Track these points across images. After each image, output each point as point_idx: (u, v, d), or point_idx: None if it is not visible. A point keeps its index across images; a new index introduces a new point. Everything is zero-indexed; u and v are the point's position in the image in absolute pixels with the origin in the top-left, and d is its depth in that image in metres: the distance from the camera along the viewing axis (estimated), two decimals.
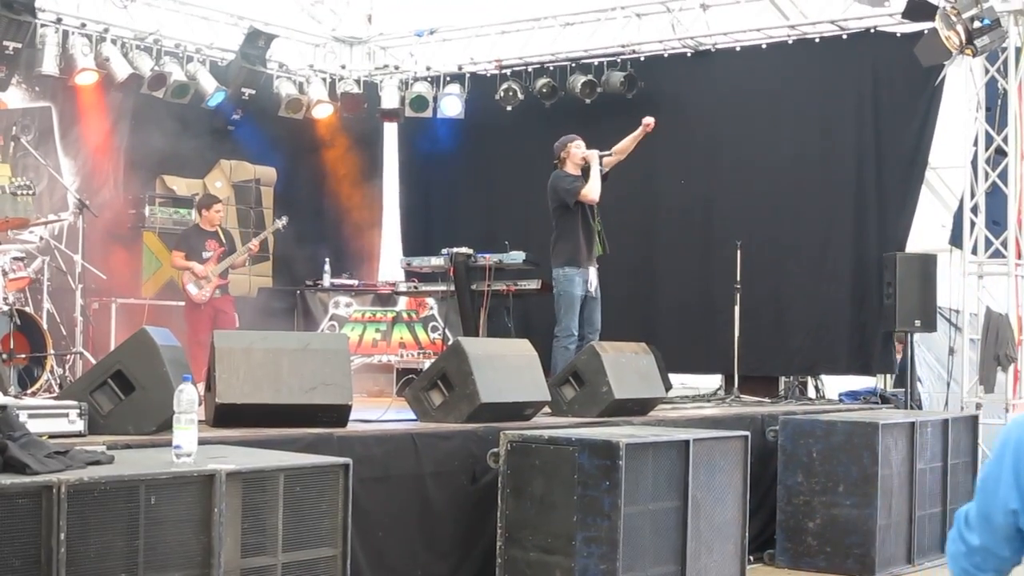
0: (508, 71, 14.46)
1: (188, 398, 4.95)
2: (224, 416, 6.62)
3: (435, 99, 14.81)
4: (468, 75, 14.84)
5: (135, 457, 5.14)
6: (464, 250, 11.82)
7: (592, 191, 10.67)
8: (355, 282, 14.18)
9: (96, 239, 12.17)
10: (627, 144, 11.04)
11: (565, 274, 10.62)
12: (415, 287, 12.86)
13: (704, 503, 7.12)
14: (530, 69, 14.33)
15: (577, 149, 10.82)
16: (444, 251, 11.97)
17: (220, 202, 12.88)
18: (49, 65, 12.50)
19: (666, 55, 13.77)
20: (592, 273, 10.72)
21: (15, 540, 4.20)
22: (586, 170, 10.77)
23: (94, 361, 9.64)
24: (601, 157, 10.78)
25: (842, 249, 12.66)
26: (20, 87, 12.70)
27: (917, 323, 11.82)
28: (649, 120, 10.96)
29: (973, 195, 11.36)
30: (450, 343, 9.26)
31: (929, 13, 10.63)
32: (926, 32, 11.06)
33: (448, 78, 14.88)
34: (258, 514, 4.92)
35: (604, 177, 10.93)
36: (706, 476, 7.15)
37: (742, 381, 12.16)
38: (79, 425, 5.87)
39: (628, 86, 13.64)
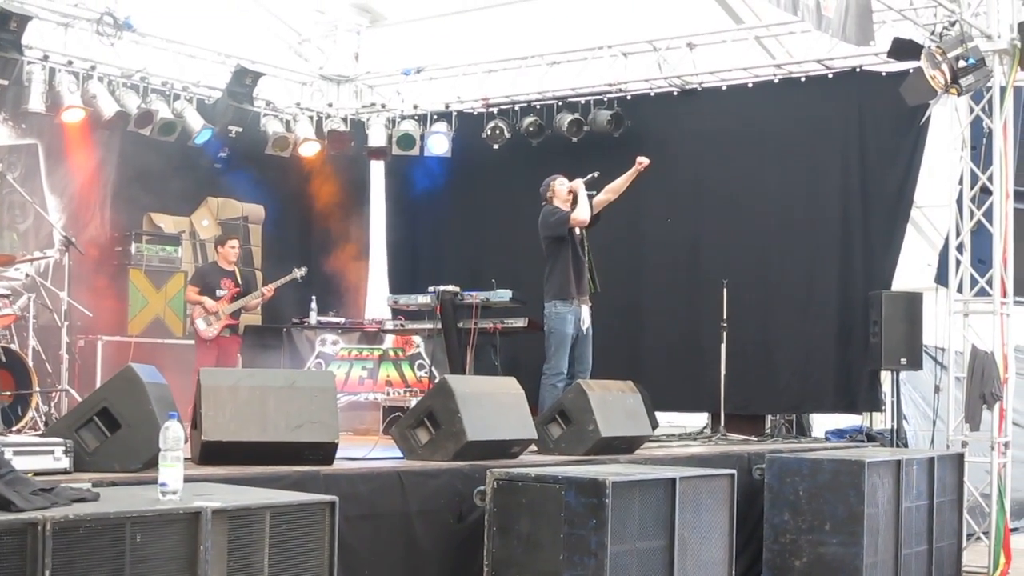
0: (495, 109, 14.50)
1: (174, 435, 4.94)
2: (210, 454, 6.61)
3: (422, 137, 14.84)
4: (455, 113, 14.88)
5: (121, 495, 5.12)
6: (451, 288, 11.84)
7: (581, 212, 10.71)
8: (342, 320, 14.18)
9: (82, 276, 12.15)
10: (620, 184, 11.08)
11: (557, 311, 10.61)
12: (402, 325, 12.86)
13: (691, 541, 7.10)
14: (517, 107, 14.38)
15: (561, 185, 10.88)
16: (431, 289, 11.99)
17: (235, 238, 12.99)
18: (35, 102, 12.50)
19: (652, 94, 13.83)
20: (585, 311, 10.72)
21: None
22: (576, 200, 10.82)
23: (80, 398, 9.62)
24: (586, 183, 10.83)
25: (828, 288, 12.70)
26: (6, 124, 12.71)
27: (903, 361, 11.84)
28: (643, 159, 11.01)
29: (959, 233, 11.40)
30: (436, 381, 9.26)
31: (914, 52, 10.69)
32: (911, 71, 11.13)
33: (435, 116, 14.92)
34: (244, 552, 4.90)
35: (596, 217, 10.96)
36: (693, 514, 7.14)
37: (729, 419, 12.17)
38: (64, 462, 5.85)
39: (615, 125, 13.69)
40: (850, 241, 12.62)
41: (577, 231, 10.81)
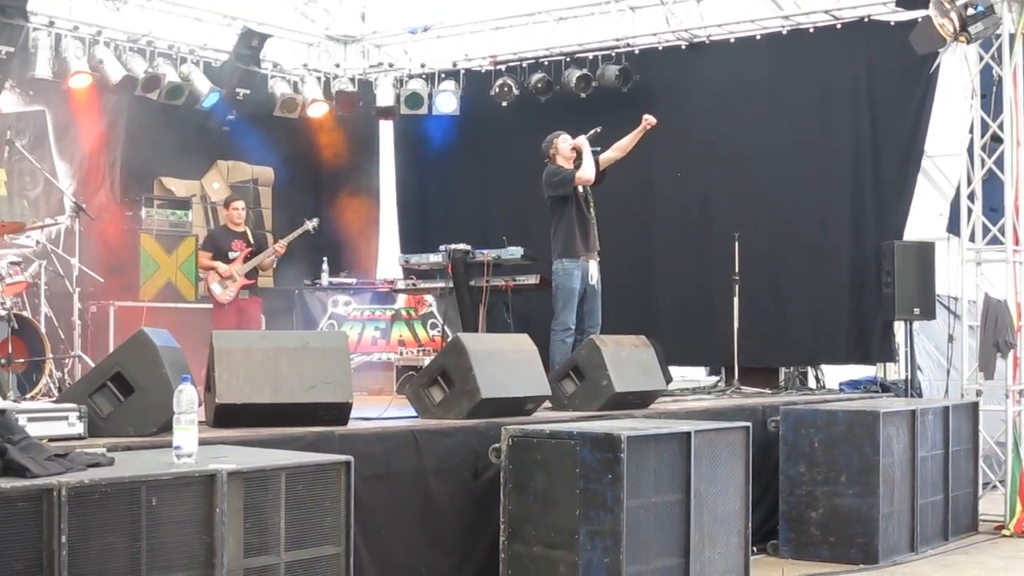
0: (503, 67, 14.44)
1: (188, 399, 4.93)
2: (224, 416, 6.61)
3: (430, 96, 14.80)
4: (463, 71, 14.82)
5: (135, 459, 5.12)
6: (462, 246, 11.84)
7: (586, 171, 10.67)
8: (353, 280, 14.20)
9: (93, 242, 12.13)
10: (627, 142, 11.03)
11: (564, 267, 10.59)
12: (413, 284, 12.84)
13: (707, 495, 7.10)
14: (525, 64, 14.32)
15: (564, 143, 10.81)
16: (442, 248, 11.98)
17: (239, 199, 12.98)
18: (42, 69, 12.47)
19: (661, 48, 13.76)
20: (593, 266, 10.69)
21: (16, 544, 4.18)
22: (580, 158, 10.77)
23: (93, 364, 9.62)
24: (589, 138, 10.78)
25: (840, 239, 12.66)
26: (14, 91, 12.68)
27: (916, 311, 11.81)
28: (650, 118, 10.94)
29: (970, 182, 11.32)
30: (449, 339, 9.25)
31: (923, 1, 10.61)
32: (920, 20, 11.03)
33: (443, 75, 14.86)
34: (260, 513, 4.90)
35: (602, 175, 10.92)
36: (708, 468, 7.13)
37: (742, 372, 12.16)
38: (79, 428, 5.85)
39: (623, 80, 13.62)
40: (861, 192, 12.58)
41: (581, 188, 10.77)
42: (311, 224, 12.92)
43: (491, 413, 7.56)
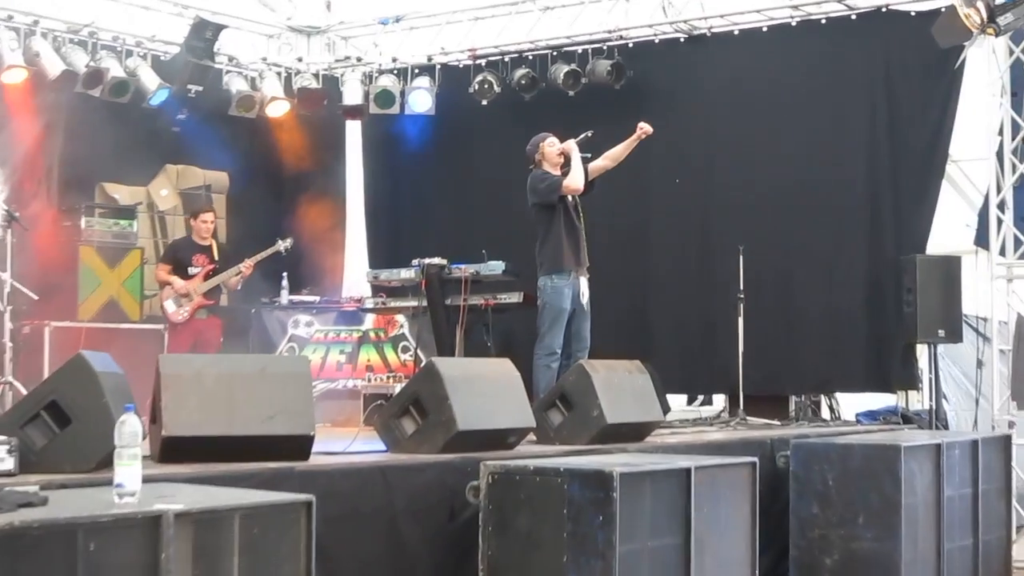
0: (483, 61, 14.46)
1: (131, 431, 4.89)
2: (171, 450, 6.56)
3: (403, 94, 14.79)
4: (439, 67, 14.83)
5: (72, 498, 5.08)
6: (437, 261, 11.81)
7: (575, 180, 10.68)
8: (316, 298, 14.17)
9: (27, 255, 12.08)
10: (620, 152, 11.06)
11: (552, 284, 10.58)
12: (383, 303, 12.81)
13: (708, 538, 7.08)
14: (507, 59, 14.34)
15: (551, 147, 10.83)
16: (415, 262, 11.96)
17: (209, 211, 13.03)
18: None
19: (657, 41, 13.79)
20: (583, 283, 10.69)
21: None
22: (569, 162, 10.78)
23: (25, 391, 9.58)
24: (579, 143, 10.78)
25: (855, 252, 12.67)
26: None
27: (940, 333, 11.82)
28: (646, 126, 10.96)
29: (999, 190, 11.37)
30: (423, 364, 9.22)
31: None
32: (943, 10, 11.08)
33: (417, 70, 14.86)
34: (211, 559, 4.86)
35: (590, 185, 10.92)
36: (710, 508, 7.11)
37: (748, 401, 12.15)
38: (9, 463, 5.81)
39: (616, 76, 13.63)
40: (879, 200, 12.60)
41: (570, 196, 10.77)
42: (283, 244, 12.95)
43: (469, 447, 7.53)
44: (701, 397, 13.49)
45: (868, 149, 12.67)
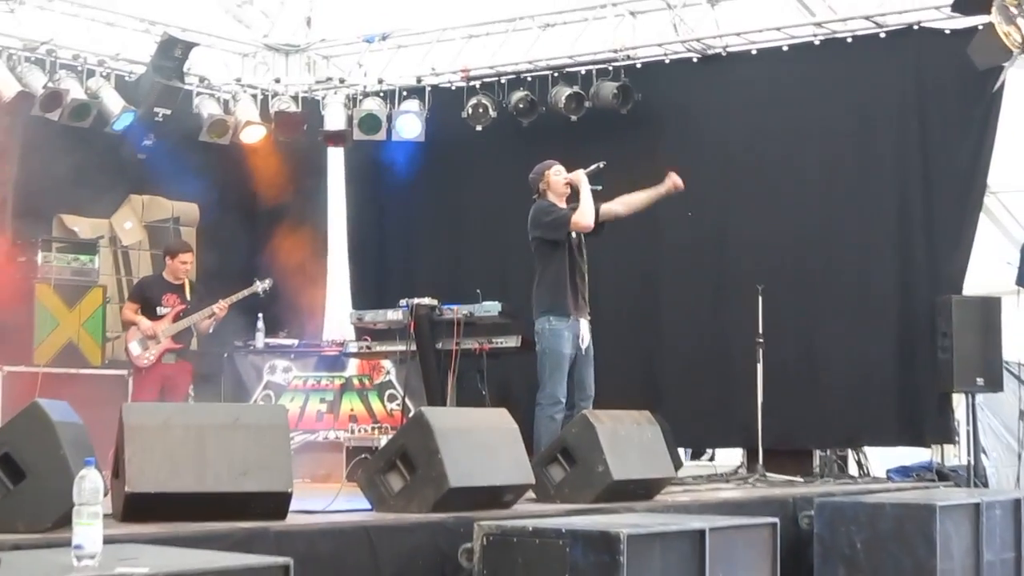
0: (477, 83, 14.49)
1: (91, 487, 4.88)
2: (135, 508, 6.55)
3: (389, 118, 14.80)
4: (429, 89, 14.86)
5: (26, 561, 5.06)
6: (427, 301, 11.80)
7: (584, 216, 10.59)
8: (294, 342, 14.14)
9: None
10: (640, 201, 10.96)
11: (551, 326, 10.54)
12: (368, 347, 12.81)
13: None
14: (503, 80, 14.37)
15: (557, 176, 10.76)
16: (403, 303, 11.94)
17: (189, 252, 12.97)
18: None
19: (667, 61, 13.83)
20: (584, 326, 10.66)
21: None
22: (575, 195, 10.72)
23: None
24: (589, 175, 10.71)
25: (886, 292, 12.68)
26: None
27: (979, 381, 11.82)
28: (677, 180, 10.88)
29: None
30: (411, 415, 9.21)
31: (984, 5, 10.66)
32: (980, 28, 11.11)
33: (405, 93, 14.88)
34: None
35: (600, 227, 10.86)
36: (726, 574, 7.09)
37: (768, 456, 12.14)
38: None
39: (622, 99, 13.65)
40: (911, 235, 12.62)
41: (574, 233, 10.73)
42: (261, 286, 12.95)
43: (462, 505, 7.51)
44: (709, 451, 13.44)
45: (899, 180, 12.69)
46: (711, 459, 13.42)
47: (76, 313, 13.15)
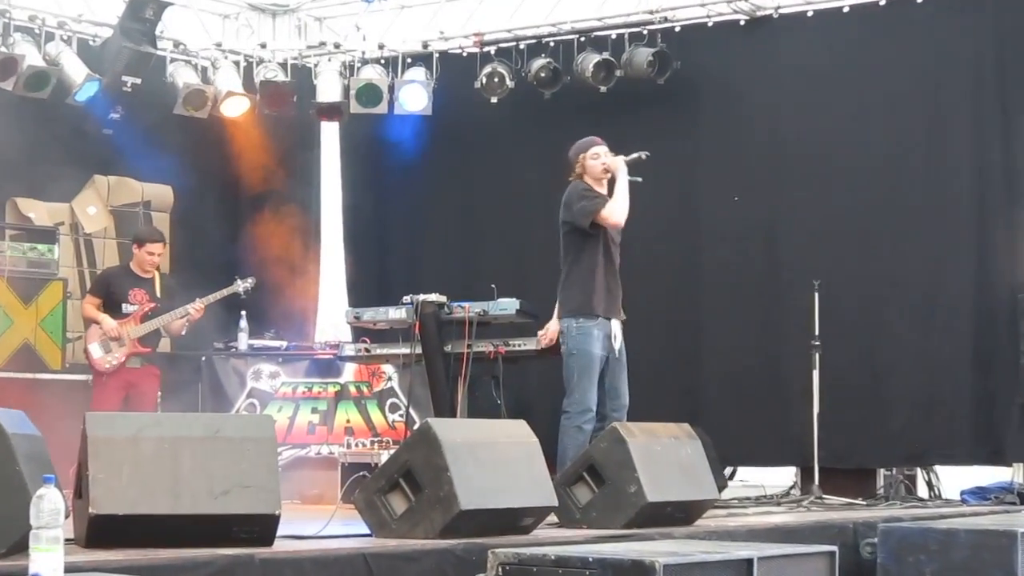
0: (492, 49, 14.48)
1: (51, 508, 4.89)
2: (101, 533, 6.56)
3: (391, 89, 14.80)
4: (436, 55, 14.85)
5: None
6: (434, 297, 11.80)
7: (616, 211, 10.49)
8: (283, 343, 14.15)
9: None
10: None
11: (579, 326, 10.50)
12: (366, 350, 12.81)
13: None
14: (522, 46, 14.38)
15: (595, 159, 10.61)
16: (406, 299, 11.95)
17: (159, 242, 12.86)
18: None
19: (710, 24, 13.83)
20: (615, 326, 10.61)
21: None
22: (612, 184, 10.66)
23: None
24: (630, 163, 10.64)
25: (960, 290, 12.69)
26: None
27: None
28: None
29: None
30: (416, 427, 9.22)
31: None
32: None
33: (409, 60, 14.89)
34: None
35: None
36: None
37: (825, 476, 12.13)
38: None
39: (658, 67, 13.64)
40: (989, 222, 12.63)
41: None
42: (243, 285, 12.91)
43: (474, 530, 7.52)
44: (730, 469, 13.39)
45: (976, 158, 12.68)
46: (730, 477, 13.39)
47: (32, 310, 13.18)
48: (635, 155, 10.62)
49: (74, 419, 7.25)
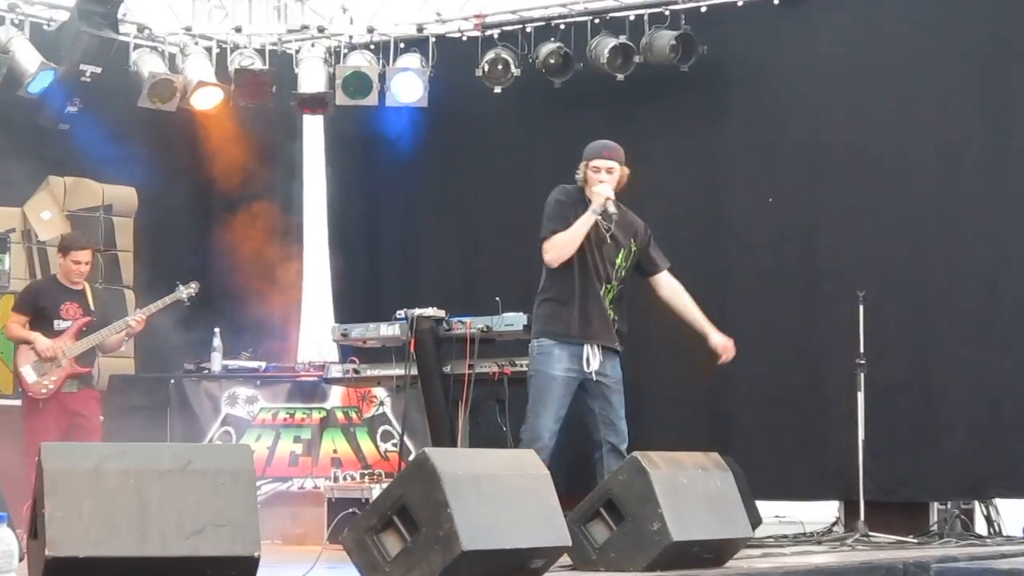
0: (495, 32, 14.51)
1: (3, 549, 4.90)
2: None
3: (382, 78, 14.82)
4: (433, 40, 14.87)
5: None
6: (431, 312, 11.82)
7: (555, 247, 10.43)
8: (261, 364, 14.15)
9: None
10: (684, 314, 10.93)
11: (540, 346, 10.48)
12: (355, 371, 12.82)
13: None
14: (530, 29, 14.39)
15: (595, 173, 10.56)
16: (400, 314, 11.97)
17: (86, 247, 12.80)
18: None
19: (741, 3, 13.80)
20: (593, 351, 10.51)
21: None
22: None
23: None
24: (601, 214, 10.39)
25: (1023, 301, 12.67)
26: None
27: None
28: (728, 354, 10.88)
29: None
30: (412, 457, 9.22)
31: None
32: None
33: (402, 45, 14.91)
34: None
35: (645, 275, 10.78)
36: None
37: (872, 511, 12.13)
38: None
39: (682, 53, 13.63)
40: None
41: (602, 228, 10.55)
42: (186, 291, 12.85)
43: (477, 574, 7.52)
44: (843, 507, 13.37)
45: None
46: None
47: None
48: (613, 210, 10.48)
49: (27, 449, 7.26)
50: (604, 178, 10.45)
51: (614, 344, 10.63)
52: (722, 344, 10.86)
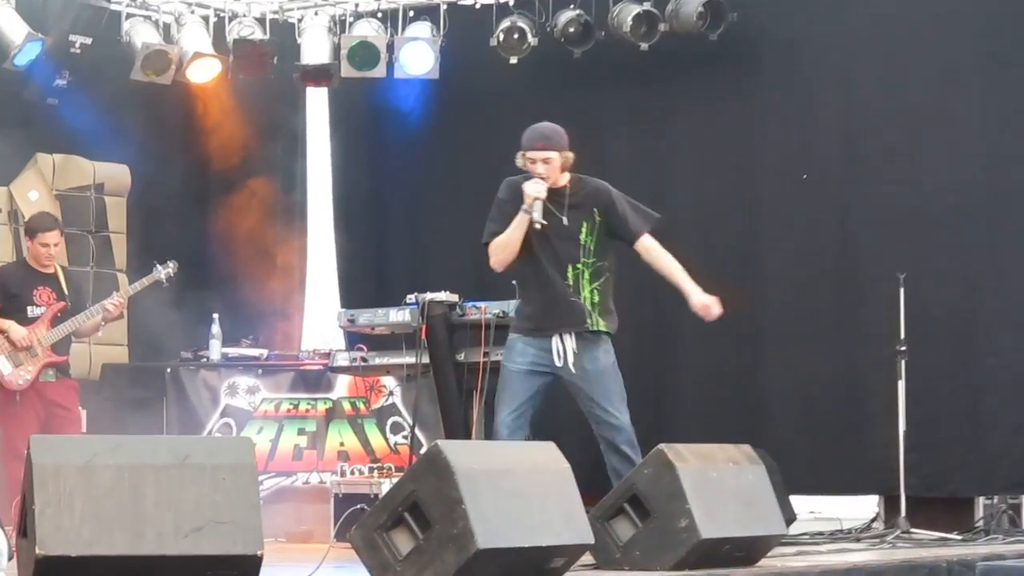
0: (511, 0, 14.47)
1: None
2: None
3: (390, 48, 14.82)
4: (445, 7, 14.86)
5: None
6: (443, 297, 11.82)
7: (495, 252, 10.51)
8: (263, 352, 14.15)
9: None
10: (666, 274, 10.79)
11: (507, 341, 10.56)
12: (362, 360, 12.83)
13: None
14: None
15: (531, 164, 10.42)
16: (410, 299, 11.98)
17: (53, 230, 12.74)
18: None
19: None
20: (561, 341, 10.39)
21: None
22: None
23: None
24: (538, 222, 10.22)
25: None
26: None
27: None
28: (714, 309, 10.74)
29: None
30: (424, 450, 9.24)
31: None
32: None
33: (412, 13, 14.90)
34: None
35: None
36: None
37: (913, 506, 12.14)
38: None
39: (711, 21, 13.60)
40: None
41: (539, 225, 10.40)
42: (164, 272, 12.78)
43: (494, 572, 7.53)
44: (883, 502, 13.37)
45: None
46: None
47: None
48: (539, 221, 10.25)
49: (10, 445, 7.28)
50: (540, 170, 10.31)
51: (586, 326, 10.45)
52: (701, 304, 10.65)
